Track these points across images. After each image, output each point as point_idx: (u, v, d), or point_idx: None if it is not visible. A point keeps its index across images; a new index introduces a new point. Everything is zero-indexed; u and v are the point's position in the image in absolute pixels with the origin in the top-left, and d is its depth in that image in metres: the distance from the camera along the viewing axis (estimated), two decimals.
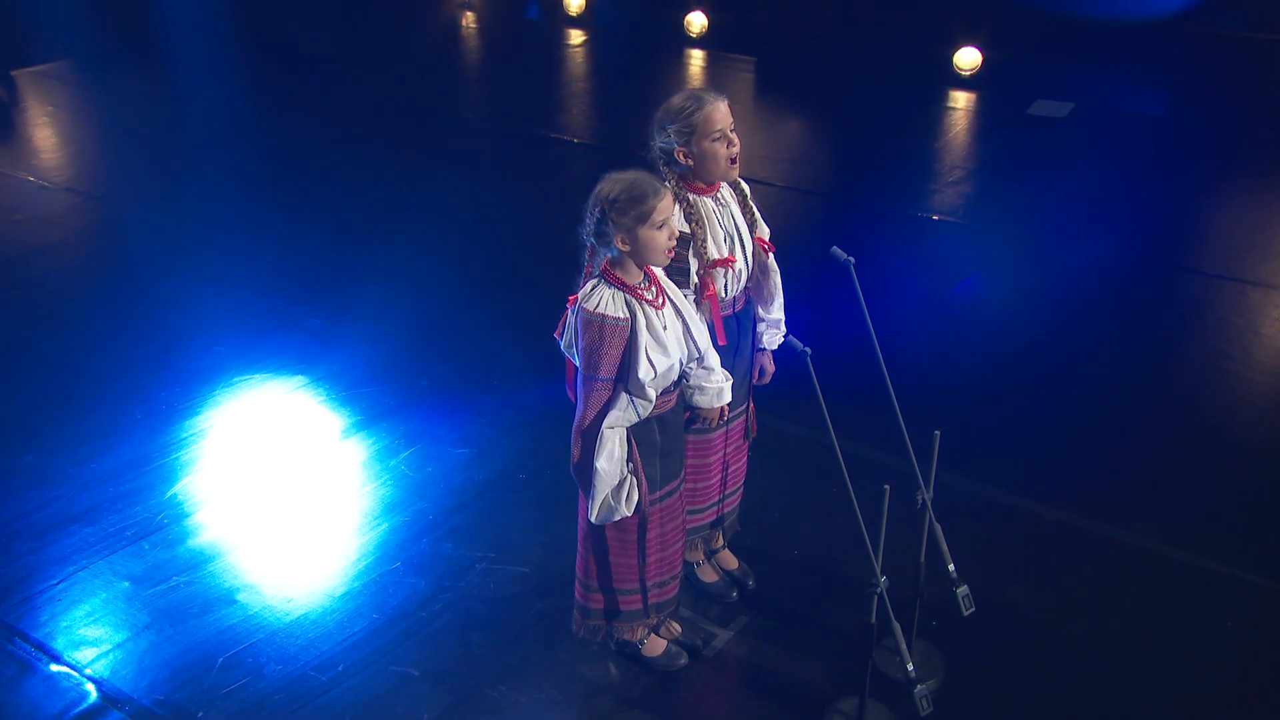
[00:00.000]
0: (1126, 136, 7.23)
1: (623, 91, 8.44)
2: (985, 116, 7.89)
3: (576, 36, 10.00)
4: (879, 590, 2.71)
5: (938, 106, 7.97)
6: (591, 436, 2.73)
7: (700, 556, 3.46)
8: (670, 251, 2.70)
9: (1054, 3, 8.35)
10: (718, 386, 2.91)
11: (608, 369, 2.68)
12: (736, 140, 2.93)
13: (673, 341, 2.73)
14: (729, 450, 3.27)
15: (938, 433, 2.83)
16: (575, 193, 2.72)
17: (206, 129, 7.97)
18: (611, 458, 2.74)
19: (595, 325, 2.65)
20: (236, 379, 4.72)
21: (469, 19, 10.75)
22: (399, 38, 10.19)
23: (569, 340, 2.78)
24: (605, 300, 2.66)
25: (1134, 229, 5.92)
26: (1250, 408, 4.43)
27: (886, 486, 2.64)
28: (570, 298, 2.76)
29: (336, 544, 3.78)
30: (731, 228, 3.01)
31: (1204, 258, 5.66)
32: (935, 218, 6.17)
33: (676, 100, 2.91)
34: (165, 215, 6.45)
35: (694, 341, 2.81)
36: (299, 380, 4.71)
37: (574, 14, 10.26)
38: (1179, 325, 5.08)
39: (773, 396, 3.45)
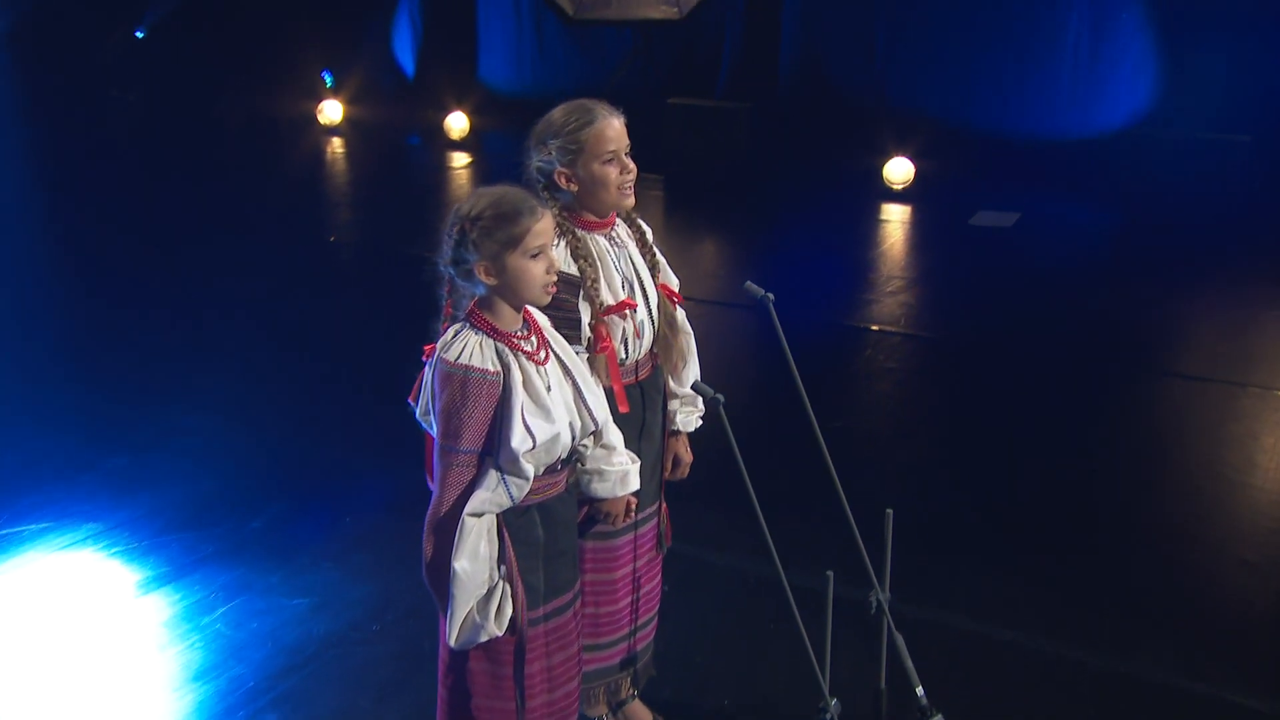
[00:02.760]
0: (1081, 244, 7.49)
1: None
2: (923, 227, 8.16)
3: (460, 159, 10.19)
4: (829, 716, 2.39)
5: (871, 219, 8.22)
6: (449, 526, 2.40)
7: (604, 709, 3.11)
8: (550, 288, 2.47)
9: (988, 121, 8.81)
10: (621, 470, 2.65)
11: (471, 437, 2.40)
12: (632, 166, 2.80)
13: (559, 405, 2.48)
14: (639, 564, 2.97)
15: (890, 511, 2.61)
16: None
17: None
18: (475, 555, 2.42)
19: (456, 380, 2.38)
20: (0, 532, 4.27)
21: (335, 145, 10.89)
22: (252, 161, 10.25)
23: (425, 404, 2.49)
24: (470, 349, 2.41)
25: (1103, 334, 6.01)
26: (1267, 519, 4.34)
27: (829, 573, 2.37)
28: (426, 347, 2.49)
29: None
30: (630, 272, 2.84)
31: (1186, 361, 5.73)
32: (875, 328, 6.16)
33: (559, 113, 2.77)
34: None
35: (589, 410, 2.55)
36: (88, 529, 4.33)
37: (456, 138, 10.53)
38: (1168, 433, 5.06)
39: (686, 515, 3.19)
